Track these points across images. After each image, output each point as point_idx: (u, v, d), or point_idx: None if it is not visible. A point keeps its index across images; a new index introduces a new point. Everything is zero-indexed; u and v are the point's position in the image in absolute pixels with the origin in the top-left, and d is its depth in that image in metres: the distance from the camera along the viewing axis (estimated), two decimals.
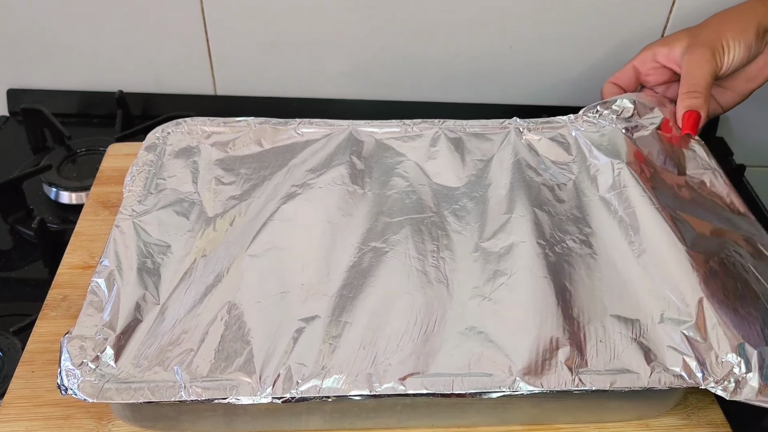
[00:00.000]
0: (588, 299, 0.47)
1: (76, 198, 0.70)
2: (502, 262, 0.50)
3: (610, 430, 0.46)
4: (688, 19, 0.72)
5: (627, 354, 0.44)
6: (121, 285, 0.47)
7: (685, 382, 0.42)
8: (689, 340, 0.44)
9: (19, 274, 0.64)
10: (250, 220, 0.53)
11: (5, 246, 0.67)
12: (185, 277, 0.48)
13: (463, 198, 0.56)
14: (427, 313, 0.46)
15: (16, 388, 0.47)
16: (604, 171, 0.57)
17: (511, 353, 0.43)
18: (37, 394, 0.47)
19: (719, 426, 0.47)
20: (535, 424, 0.46)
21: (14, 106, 0.82)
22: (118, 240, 0.50)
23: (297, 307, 0.46)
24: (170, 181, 0.56)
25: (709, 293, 0.46)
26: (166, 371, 0.42)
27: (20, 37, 0.78)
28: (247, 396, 0.41)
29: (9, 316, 0.58)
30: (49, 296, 0.54)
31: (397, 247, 0.51)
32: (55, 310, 0.52)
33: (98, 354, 0.42)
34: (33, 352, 0.50)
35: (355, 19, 0.75)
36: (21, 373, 0.48)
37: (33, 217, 0.65)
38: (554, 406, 0.45)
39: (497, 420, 0.46)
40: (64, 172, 0.72)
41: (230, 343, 0.44)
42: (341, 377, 0.42)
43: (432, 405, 0.43)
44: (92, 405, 0.45)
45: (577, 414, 0.46)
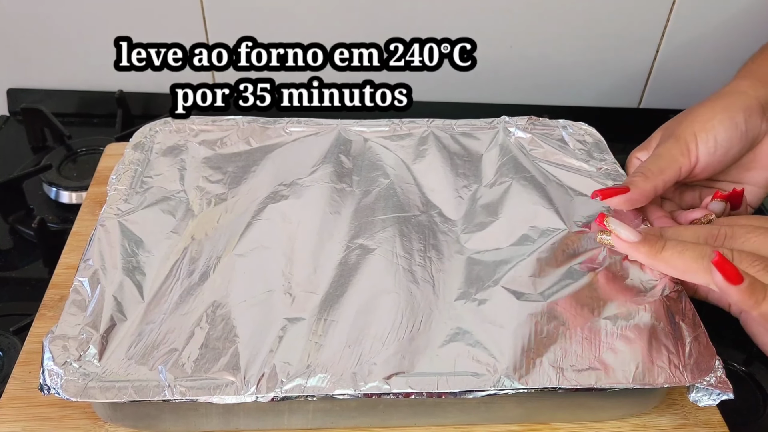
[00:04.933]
0: (573, 299, 0.47)
1: (76, 198, 0.70)
2: (490, 262, 0.50)
3: (607, 430, 0.46)
4: (688, 20, 0.72)
5: (612, 351, 0.44)
6: (105, 284, 0.47)
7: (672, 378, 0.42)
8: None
9: (19, 274, 0.64)
10: (237, 218, 0.53)
11: (5, 246, 0.67)
12: (170, 275, 0.48)
13: (450, 197, 0.56)
14: (412, 313, 0.46)
15: (12, 388, 0.47)
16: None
17: (496, 353, 0.43)
18: (34, 395, 0.46)
19: (716, 426, 0.47)
20: (521, 424, 0.46)
21: (14, 105, 0.82)
22: (102, 239, 0.50)
23: (283, 305, 0.46)
24: (157, 179, 0.56)
25: None
26: (151, 370, 0.42)
27: (20, 37, 0.78)
28: (231, 395, 0.41)
29: (9, 315, 0.58)
30: (46, 296, 0.53)
31: (383, 246, 0.51)
32: (52, 311, 0.52)
33: (81, 353, 0.42)
34: (30, 352, 0.49)
35: (355, 19, 0.75)
36: (18, 374, 0.48)
37: (33, 217, 0.66)
38: (539, 405, 0.45)
39: (481, 419, 0.46)
40: (64, 172, 0.73)
41: (215, 342, 0.44)
42: (326, 376, 0.42)
43: (415, 404, 0.43)
44: (88, 406, 0.45)
45: (560, 413, 0.46)
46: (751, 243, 0.45)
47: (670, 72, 0.82)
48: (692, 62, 0.82)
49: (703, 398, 0.43)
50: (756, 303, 0.41)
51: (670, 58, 0.81)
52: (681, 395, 0.48)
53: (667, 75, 0.82)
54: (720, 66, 0.81)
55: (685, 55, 0.81)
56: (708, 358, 0.43)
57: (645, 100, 0.85)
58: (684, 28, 0.67)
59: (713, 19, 0.78)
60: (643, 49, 0.80)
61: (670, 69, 0.82)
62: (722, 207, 0.53)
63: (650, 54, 0.80)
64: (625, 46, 0.77)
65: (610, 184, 0.56)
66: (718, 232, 0.47)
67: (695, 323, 0.46)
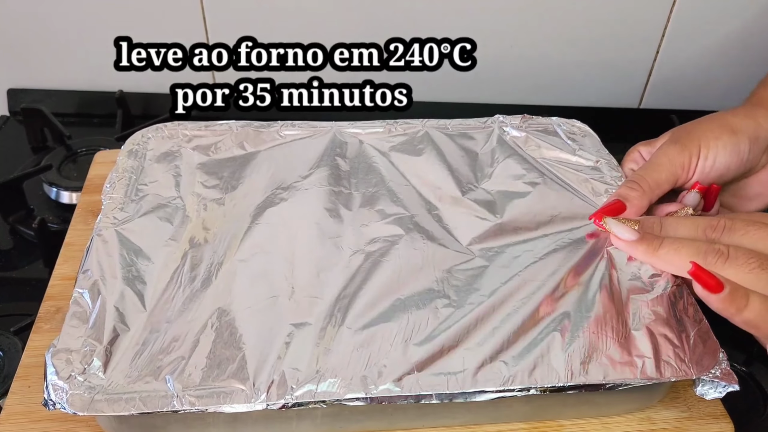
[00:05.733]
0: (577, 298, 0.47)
1: (76, 198, 0.70)
2: (493, 261, 0.50)
3: (614, 425, 0.47)
4: (688, 20, 0.73)
5: (618, 347, 0.44)
6: (106, 294, 0.46)
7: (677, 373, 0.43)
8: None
9: (19, 274, 0.64)
10: (236, 223, 0.52)
11: (5, 246, 0.67)
12: (171, 283, 0.47)
13: (448, 197, 0.56)
14: (419, 313, 0.46)
15: (12, 404, 0.46)
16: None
17: (504, 352, 0.43)
18: (34, 410, 0.46)
19: (719, 418, 0.47)
20: (528, 422, 0.46)
21: (14, 106, 0.82)
22: (100, 249, 0.49)
23: (288, 311, 0.46)
24: (152, 186, 0.55)
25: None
26: (158, 381, 0.41)
27: (20, 37, 0.78)
28: (241, 403, 0.40)
29: (9, 315, 0.58)
30: (42, 308, 0.52)
31: (386, 247, 0.50)
32: (48, 323, 0.51)
33: (85, 366, 0.41)
34: (28, 366, 0.48)
35: (355, 19, 0.75)
36: (16, 389, 0.47)
37: (33, 217, 0.66)
38: (546, 403, 0.45)
39: (489, 419, 0.46)
40: (64, 172, 0.73)
41: (222, 349, 0.43)
42: (336, 381, 0.41)
43: (423, 405, 0.43)
44: (92, 419, 0.44)
45: (567, 410, 0.46)
46: (750, 236, 0.45)
47: (670, 72, 0.82)
48: (692, 62, 0.82)
49: (709, 391, 0.43)
50: (738, 310, 0.40)
51: (670, 58, 0.81)
52: (684, 388, 0.49)
53: (667, 75, 0.83)
54: (720, 66, 0.81)
55: (685, 55, 0.81)
56: (712, 351, 0.44)
57: (645, 100, 0.85)
58: (684, 28, 0.67)
59: (713, 20, 0.79)
60: (643, 49, 0.80)
61: (670, 69, 0.82)
62: (698, 199, 0.53)
63: (650, 54, 0.81)
64: (625, 46, 0.77)
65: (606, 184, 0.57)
66: (718, 223, 0.46)
67: (697, 317, 0.46)
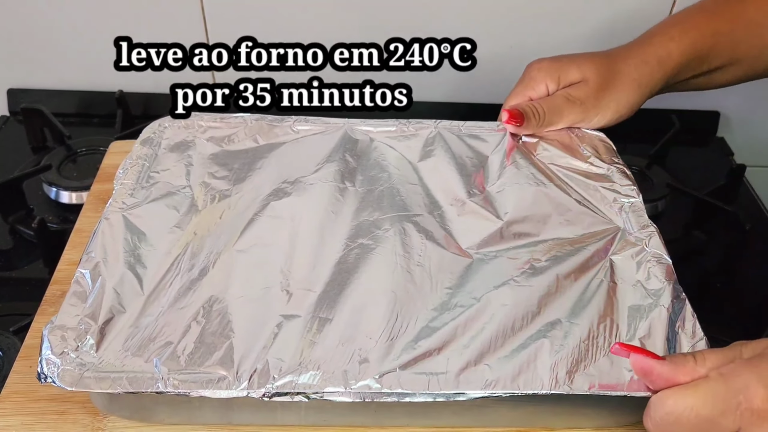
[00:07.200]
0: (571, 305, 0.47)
1: (76, 198, 0.71)
2: (489, 264, 0.49)
3: None
4: None
5: (608, 357, 0.43)
6: (106, 276, 0.47)
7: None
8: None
9: (19, 274, 0.64)
10: (240, 215, 0.53)
11: (5, 246, 0.67)
12: (170, 269, 0.49)
13: (455, 198, 0.56)
14: (408, 312, 0.46)
15: (13, 382, 0.48)
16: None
17: (490, 355, 0.43)
18: (34, 389, 0.47)
19: None
20: (516, 428, 0.46)
21: (14, 106, 0.82)
22: (105, 232, 0.50)
23: (280, 302, 0.46)
24: (164, 174, 0.57)
25: None
26: (146, 362, 0.42)
27: (20, 37, 0.79)
28: (223, 390, 0.41)
29: (9, 315, 0.58)
30: (48, 292, 0.54)
31: (383, 245, 0.51)
32: (53, 306, 0.52)
33: (79, 344, 0.43)
34: (31, 347, 0.49)
35: (355, 19, 0.75)
36: (19, 368, 0.48)
37: (33, 217, 0.66)
38: (534, 410, 0.45)
39: (475, 422, 0.45)
40: (64, 172, 0.73)
41: (211, 336, 0.44)
42: (317, 373, 0.42)
43: (407, 404, 0.43)
44: (88, 400, 0.46)
45: (557, 419, 0.46)
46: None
47: None
48: None
49: None
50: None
51: None
52: None
53: None
54: None
55: None
56: None
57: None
58: None
59: None
60: None
61: None
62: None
63: None
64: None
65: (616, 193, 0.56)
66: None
67: (695, 331, 0.45)
